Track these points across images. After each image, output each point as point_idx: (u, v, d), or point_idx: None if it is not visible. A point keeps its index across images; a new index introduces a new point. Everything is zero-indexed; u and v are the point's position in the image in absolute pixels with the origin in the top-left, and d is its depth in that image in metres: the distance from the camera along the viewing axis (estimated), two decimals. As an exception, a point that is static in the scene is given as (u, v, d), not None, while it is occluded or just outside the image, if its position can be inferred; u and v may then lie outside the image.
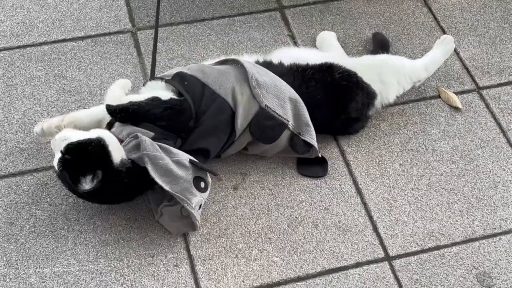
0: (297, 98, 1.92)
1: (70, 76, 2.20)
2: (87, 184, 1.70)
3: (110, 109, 1.78)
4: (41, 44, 2.28)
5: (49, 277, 1.78)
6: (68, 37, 2.31)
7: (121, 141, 1.77)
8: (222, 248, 1.86)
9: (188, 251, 1.85)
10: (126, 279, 1.79)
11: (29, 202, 1.91)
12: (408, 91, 2.16)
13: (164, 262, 1.83)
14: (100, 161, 1.70)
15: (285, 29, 2.39)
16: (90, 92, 2.17)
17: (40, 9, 2.38)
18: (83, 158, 1.70)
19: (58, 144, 1.73)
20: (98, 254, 1.83)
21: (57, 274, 1.79)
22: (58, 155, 1.72)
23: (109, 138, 1.74)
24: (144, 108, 1.79)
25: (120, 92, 1.99)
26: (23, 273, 1.78)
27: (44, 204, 1.91)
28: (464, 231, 1.93)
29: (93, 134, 1.74)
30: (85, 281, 1.78)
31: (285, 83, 1.93)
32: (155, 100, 1.80)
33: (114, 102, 1.83)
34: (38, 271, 1.79)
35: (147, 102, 1.80)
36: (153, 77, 1.99)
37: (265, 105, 1.86)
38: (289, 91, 1.92)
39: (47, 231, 1.86)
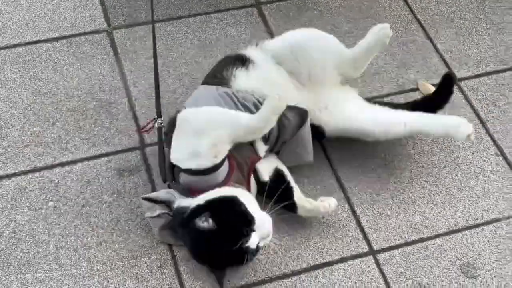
0: None
1: (45, 78, 2.17)
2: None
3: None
4: (15, 46, 2.24)
5: (31, 283, 1.75)
6: (42, 38, 2.27)
7: None
8: (206, 248, 1.84)
9: (172, 251, 1.83)
10: (110, 282, 1.77)
11: (8, 207, 1.88)
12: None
13: (147, 264, 1.81)
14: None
15: (262, 25, 2.38)
16: (67, 93, 2.13)
17: (13, 10, 2.34)
18: None
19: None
20: (81, 258, 1.80)
21: (39, 279, 1.76)
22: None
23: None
24: None
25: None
26: (4, 280, 1.75)
27: (23, 209, 1.88)
28: (446, 223, 1.94)
29: None
30: (68, 285, 1.76)
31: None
32: None
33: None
34: (20, 277, 1.76)
35: None
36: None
37: None
38: None
39: (28, 236, 1.83)
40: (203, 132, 1.66)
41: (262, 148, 1.81)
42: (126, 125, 2.07)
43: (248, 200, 1.67)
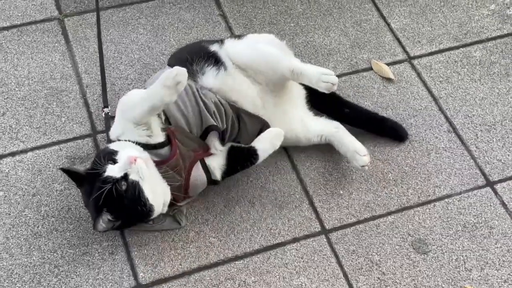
0: None
1: (-4, 68, 2.15)
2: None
3: None
4: (-36, 36, 2.22)
5: (-19, 274, 1.75)
6: (-8, 28, 2.25)
7: None
8: (157, 233, 1.84)
9: (123, 237, 1.83)
10: (61, 270, 1.77)
11: (-43, 199, 1.87)
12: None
13: (99, 251, 1.80)
14: None
15: (216, 9, 2.37)
16: (18, 83, 2.12)
17: (-38, 0, 2.31)
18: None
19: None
20: (31, 247, 1.80)
21: (-11, 270, 1.75)
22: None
23: None
24: None
25: None
26: (-46, 271, 1.75)
27: (-27, 200, 1.87)
28: (398, 200, 1.95)
29: None
30: (19, 275, 1.75)
31: None
32: None
33: None
34: (-30, 268, 1.75)
35: None
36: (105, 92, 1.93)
37: None
38: None
39: (-22, 227, 1.82)
40: (123, 112, 1.73)
41: (217, 145, 1.82)
42: (78, 112, 2.06)
43: (124, 145, 1.70)
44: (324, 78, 1.81)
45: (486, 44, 2.32)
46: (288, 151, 2.03)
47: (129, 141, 1.69)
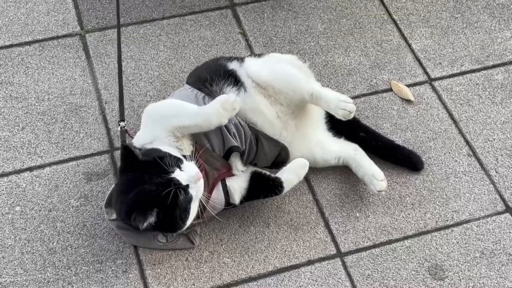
0: None
1: (17, 82, 2.17)
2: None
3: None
4: (-13, 50, 2.25)
5: (-4, 288, 1.76)
6: (15, 43, 2.27)
7: None
8: (171, 252, 1.84)
9: (137, 256, 1.83)
10: (74, 287, 1.77)
11: (-25, 213, 1.88)
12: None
13: (113, 268, 1.80)
14: None
15: (236, 27, 2.37)
16: (38, 97, 2.13)
17: (-14, 14, 2.35)
18: None
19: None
20: (46, 263, 1.80)
21: (3, 284, 1.76)
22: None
23: None
24: None
25: None
26: (-31, 285, 1.76)
27: (-10, 214, 1.88)
28: (416, 224, 1.93)
29: None
30: (32, 290, 1.76)
31: None
32: None
33: None
34: (-16, 283, 1.76)
35: None
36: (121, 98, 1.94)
37: None
38: None
39: (-6, 241, 1.83)
40: (159, 119, 1.73)
41: (238, 166, 1.81)
42: (96, 128, 2.07)
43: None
44: (342, 105, 1.81)
45: (508, 67, 2.29)
46: (305, 171, 2.02)
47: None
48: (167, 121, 1.71)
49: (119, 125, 1.86)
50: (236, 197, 1.81)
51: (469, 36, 2.38)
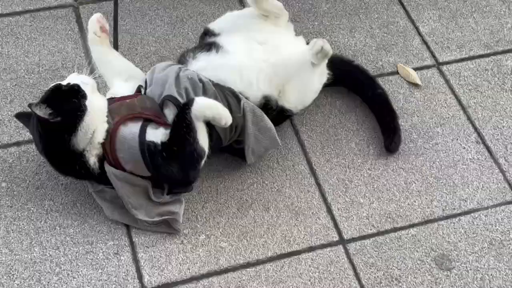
0: None
1: (5, 53, 2.06)
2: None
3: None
4: (-25, 19, 2.14)
5: (-22, 268, 1.66)
6: (5, 12, 2.17)
7: None
8: (166, 234, 1.75)
9: (130, 237, 1.74)
10: (62, 269, 1.67)
11: (-42, 188, 1.78)
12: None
13: (103, 250, 1.71)
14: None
15: (237, 4, 2.28)
16: (27, 70, 2.03)
17: (-25, -18, 2.23)
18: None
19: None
20: (33, 242, 1.70)
21: (-13, 264, 1.66)
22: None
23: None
24: None
25: None
26: (-50, 264, 1.66)
27: (-26, 190, 1.78)
28: (422, 212, 1.85)
29: None
30: (18, 271, 1.66)
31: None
32: None
33: None
34: (-34, 262, 1.66)
35: None
36: None
37: None
38: None
39: (-23, 218, 1.73)
40: None
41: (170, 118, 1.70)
42: (88, 104, 1.97)
43: None
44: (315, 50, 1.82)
45: (519, 53, 2.22)
46: (307, 154, 1.93)
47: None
48: None
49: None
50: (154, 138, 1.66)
51: (478, 21, 2.29)
